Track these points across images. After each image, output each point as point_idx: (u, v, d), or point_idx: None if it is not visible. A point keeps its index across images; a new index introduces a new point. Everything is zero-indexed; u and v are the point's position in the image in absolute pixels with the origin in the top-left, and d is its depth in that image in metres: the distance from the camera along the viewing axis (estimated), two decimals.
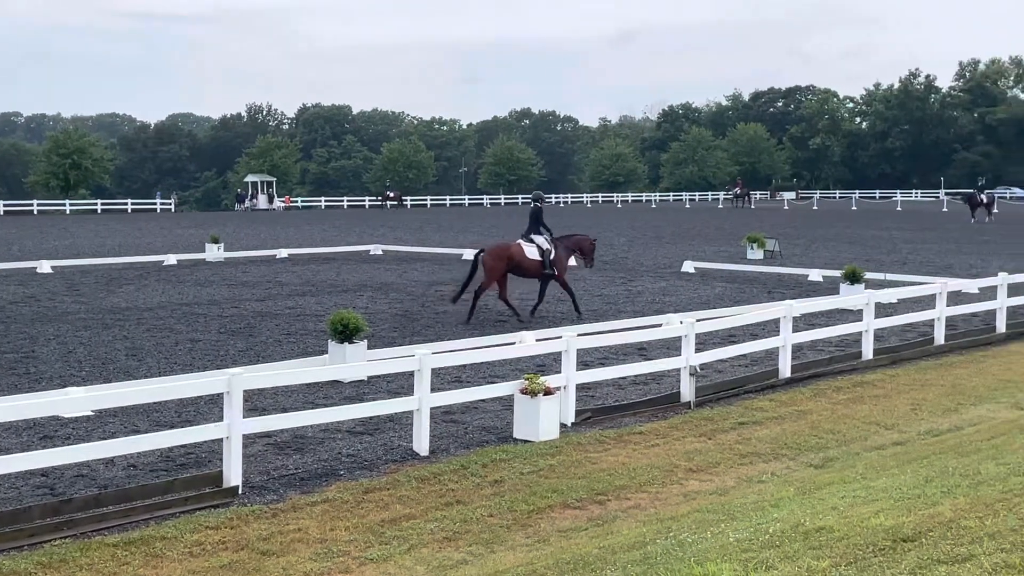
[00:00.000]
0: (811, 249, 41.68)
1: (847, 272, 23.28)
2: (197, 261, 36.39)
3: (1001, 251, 40.29)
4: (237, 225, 64.99)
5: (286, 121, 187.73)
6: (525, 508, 9.93)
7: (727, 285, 28.28)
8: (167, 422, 12.55)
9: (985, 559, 5.45)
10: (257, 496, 10.09)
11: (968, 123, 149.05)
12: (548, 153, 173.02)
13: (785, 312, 16.14)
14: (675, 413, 13.78)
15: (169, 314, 22.39)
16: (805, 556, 6.12)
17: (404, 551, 8.86)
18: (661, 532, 8.29)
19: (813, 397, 14.92)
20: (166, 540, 8.90)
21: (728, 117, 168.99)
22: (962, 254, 38.81)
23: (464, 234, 53.37)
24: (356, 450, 11.74)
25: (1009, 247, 42.70)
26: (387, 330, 20.08)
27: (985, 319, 21.30)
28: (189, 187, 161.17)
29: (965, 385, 15.86)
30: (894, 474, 9.48)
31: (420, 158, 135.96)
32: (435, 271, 32.66)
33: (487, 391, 12.96)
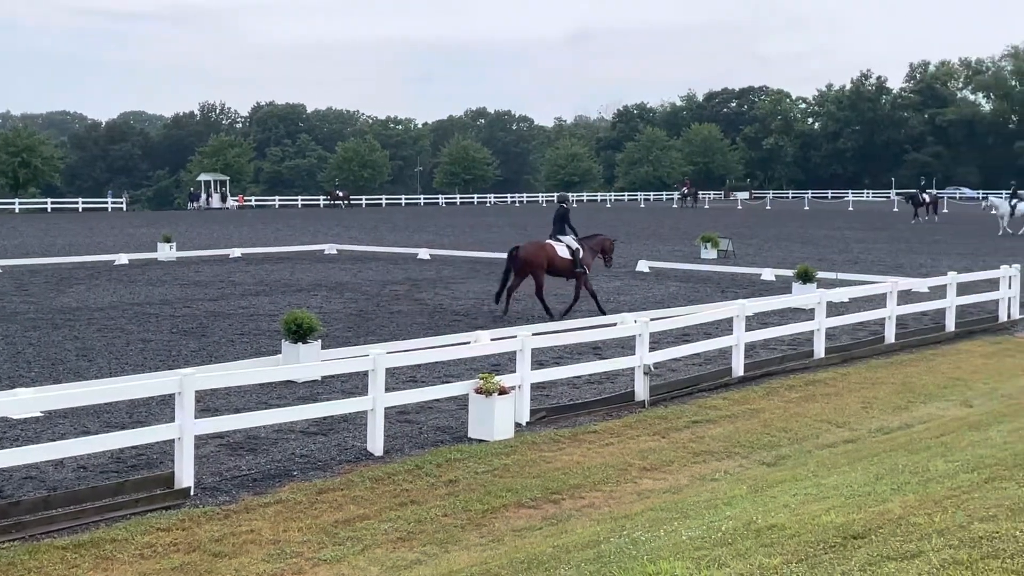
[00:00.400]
0: (764, 249, 41.98)
1: (799, 271, 23.47)
2: (149, 260, 36.05)
3: (951, 250, 40.80)
4: (190, 224, 64.47)
5: (240, 119, 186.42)
6: (480, 508, 9.93)
7: (681, 284, 28.43)
8: (118, 423, 12.42)
9: (934, 555, 5.51)
10: (209, 497, 10.01)
11: (918, 124, 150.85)
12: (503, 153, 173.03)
13: (738, 311, 16.25)
14: (629, 412, 13.83)
15: (120, 314, 22.17)
16: (757, 554, 6.16)
17: (358, 552, 8.82)
18: (615, 531, 8.32)
19: (766, 396, 15.03)
20: (116, 542, 8.80)
21: (682, 117, 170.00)
22: (912, 253, 39.26)
23: (419, 233, 53.27)
24: (310, 450, 11.68)
25: (958, 247, 43.24)
26: (341, 330, 20.00)
27: (935, 318, 21.55)
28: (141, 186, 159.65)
29: (915, 383, 16.04)
30: (845, 472, 9.57)
31: (375, 157, 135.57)
32: (390, 270, 32.57)
33: (442, 391, 12.94)
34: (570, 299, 22.57)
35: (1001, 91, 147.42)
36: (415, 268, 33.49)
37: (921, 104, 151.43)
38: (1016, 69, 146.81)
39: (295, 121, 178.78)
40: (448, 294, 26.10)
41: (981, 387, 15.91)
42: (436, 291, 26.77)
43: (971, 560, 5.36)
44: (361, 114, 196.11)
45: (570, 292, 22.83)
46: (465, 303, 24.24)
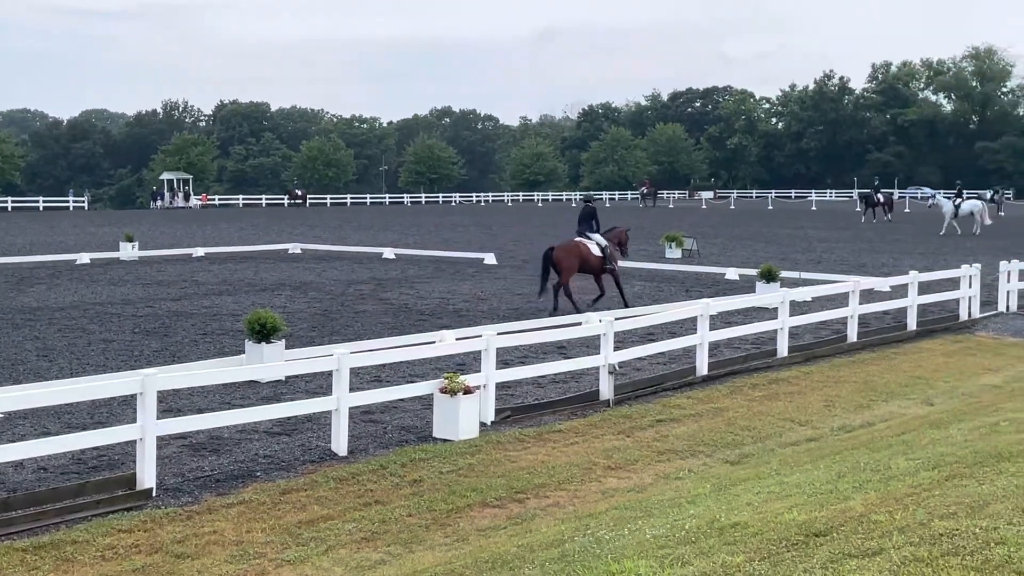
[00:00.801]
0: (728, 248, 42.17)
1: (763, 271, 23.59)
2: (111, 260, 35.75)
3: (912, 250, 41.15)
4: (152, 223, 63.99)
5: (203, 118, 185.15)
6: (444, 507, 9.91)
7: (646, 284, 28.51)
8: (79, 424, 12.31)
9: (895, 553, 5.56)
10: (171, 498, 9.94)
11: (880, 124, 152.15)
12: (469, 152, 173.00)
13: (702, 310, 16.32)
14: (594, 411, 13.85)
15: (82, 314, 21.97)
16: (720, 552, 6.19)
17: (321, 552, 8.79)
18: (579, 530, 8.33)
19: (730, 394, 15.10)
20: (77, 544, 8.73)
21: (647, 117, 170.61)
22: (875, 253, 39.56)
23: (384, 233, 53.13)
24: (273, 451, 11.62)
25: (920, 246, 43.62)
26: (305, 329, 19.91)
27: (896, 317, 21.73)
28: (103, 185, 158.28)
29: (877, 382, 16.17)
30: (807, 470, 9.63)
31: (340, 156, 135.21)
32: (354, 270, 32.47)
33: (406, 390, 12.92)
34: (596, 293, 23.42)
35: (962, 92, 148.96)
36: (380, 267, 33.40)
37: (883, 104, 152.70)
38: (977, 70, 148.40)
39: (259, 120, 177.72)
40: (413, 294, 26.05)
41: (942, 385, 16.07)
42: (401, 291, 26.71)
43: (931, 557, 5.40)
44: (326, 113, 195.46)
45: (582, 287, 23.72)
46: (430, 302, 24.20)
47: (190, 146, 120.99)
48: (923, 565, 5.31)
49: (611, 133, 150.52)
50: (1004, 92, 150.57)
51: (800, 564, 5.62)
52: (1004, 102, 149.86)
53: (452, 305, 23.68)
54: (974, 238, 48.67)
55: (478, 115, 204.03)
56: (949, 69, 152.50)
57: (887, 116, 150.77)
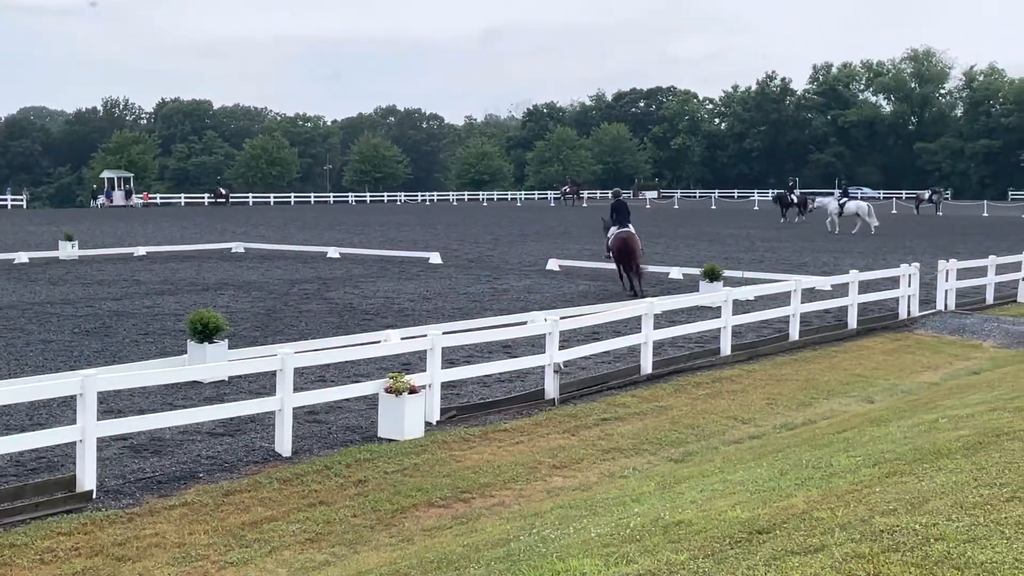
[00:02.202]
0: (672, 247, 42.44)
1: (706, 270, 23.75)
2: (50, 259, 35.24)
3: (852, 249, 41.66)
4: (92, 222, 63.16)
5: (144, 116, 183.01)
6: (389, 508, 9.88)
7: (591, 283, 28.61)
8: (17, 425, 12.11)
9: (836, 549, 5.62)
10: (112, 500, 9.81)
11: (822, 125, 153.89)
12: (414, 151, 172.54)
13: (647, 310, 16.40)
14: (539, 410, 13.88)
15: (20, 314, 21.62)
16: (664, 550, 6.22)
17: (265, 554, 8.72)
18: (525, 529, 8.34)
19: (674, 393, 15.20)
20: (15, 547, 8.59)
21: (592, 117, 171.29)
22: (816, 252, 40.01)
23: (329, 232, 52.86)
24: (216, 452, 11.52)
25: (859, 245, 44.17)
26: (249, 329, 19.76)
27: (837, 315, 21.98)
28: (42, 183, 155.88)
29: (818, 380, 16.35)
30: (750, 467, 9.71)
31: (283, 155, 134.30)
32: (298, 269, 32.26)
33: (351, 390, 12.85)
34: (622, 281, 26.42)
35: (901, 93, 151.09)
36: (324, 267, 33.22)
37: (824, 105, 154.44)
38: (916, 71, 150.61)
39: (201, 118, 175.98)
40: (358, 293, 25.94)
41: (882, 383, 16.28)
42: (346, 290, 26.59)
43: (873, 553, 5.47)
44: (269, 111, 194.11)
45: None
46: (375, 302, 24.11)
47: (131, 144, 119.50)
48: (865, 561, 5.37)
49: (556, 133, 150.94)
50: (942, 94, 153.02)
51: (744, 561, 5.67)
52: (942, 104, 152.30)
53: (397, 305, 23.62)
54: (868, 237, 49.48)
55: (423, 114, 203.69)
56: (889, 71, 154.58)
57: (828, 117, 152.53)
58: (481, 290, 26.74)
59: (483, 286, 27.67)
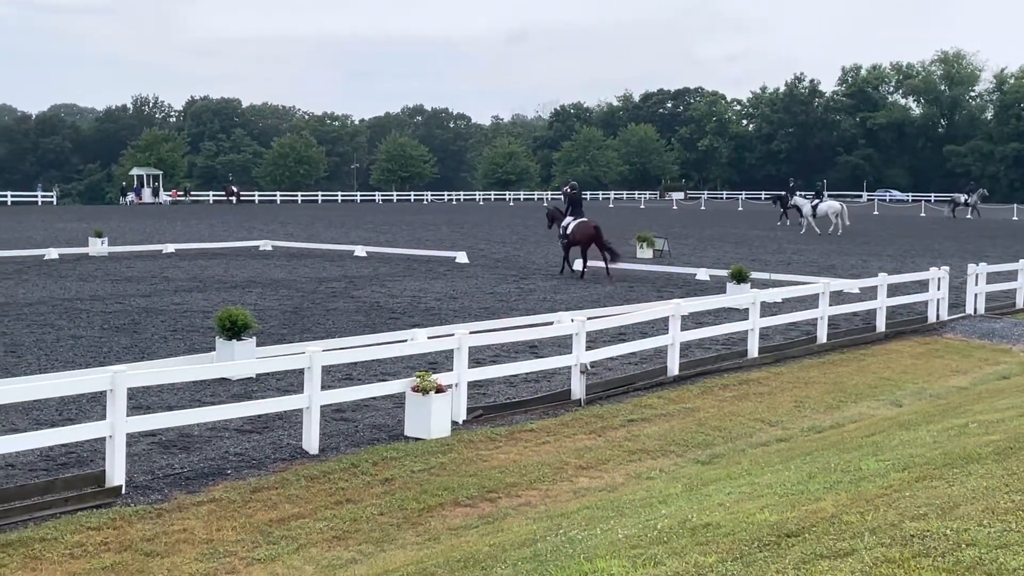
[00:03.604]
0: (699, 249, 42.32)
1: (734, 272, 23.67)
2: (80, 255, 35.48)
3: (881, 252, 41.41)
4: (122, 219, 63.56)
5: (173, 114, 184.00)
6: (416, 506, 9.90)
7: (617, 284, 28.56)
8: (48, 420, 12.20)
9: (866, 553, 5.58)
10: (141, 496, 9.87)
11: (850, 127, 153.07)
12: (441, 150, 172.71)
13: (674, 311, 16.36)
14: (566, 410, 13.86)
15: (50, 310, 21.79)
16: (692, 552, 6.20)
17: (292, 551, 8.75)
18: (551, 529, 8.33)
19: (700, 394, 15.15)
20: (46, 542, 8.65)
21: (619, 117, 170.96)
22: (844, 255, 39.79)
23: (356, 230, 52.99)
24: (244, 449, 11.57)
25: (888, 248, 43.91)
26: (276, 327, 19.83)
27: (866, 318, 21.86)
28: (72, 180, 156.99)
29: (846, 383, 16.27)
30: (778, 470, 9.67)
31: (311, 153, 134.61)
32: (326, 267, 32.36)
33: (378, 389, 12.89)
34: (582, 264, 29.82)
35: (931, 95, 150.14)
36: (351, 265, 33.31)
37: (853, 107, 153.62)
38: (946, 73, 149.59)
39: (230, 116, 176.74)
40: (385, 292, 25.99)
41: (910, 387, 16.18)
42: (372, 288, 26.65)
43: (903, 558, 5.43)
44: (297, 110, 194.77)
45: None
46: (402, 301, 24.16)
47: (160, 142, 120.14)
48: (895, 566, 5.33)
49: (583, 133, 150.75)
50: (972, 96, 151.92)
51: (772, 564, 5.64)
52: (972, 106, 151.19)
53: (424, 304, 23.66)
54: (834, 237, 49.60)
55: (450, 113, 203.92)
56: (918, 73, 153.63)
57: (856, 119, 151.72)
58: (507, 290, 26.75)
59: (509, 286, 27.68)
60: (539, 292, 26.35)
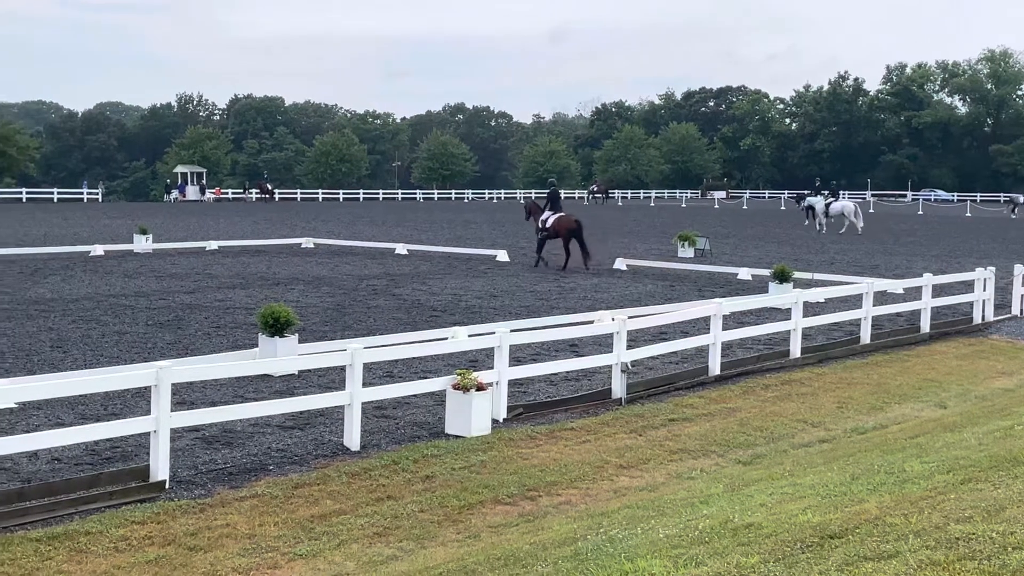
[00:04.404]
0: (741, 248, 42.10)
1: (776, 271, 23.52)
2: (125, 252, 35.84)
3: (926, 252, 41.04)
4: (166, 216, 64.13)
5: (217, 112, 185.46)
6: (456, 504, 9.91)
7: (658, 283, 28.48)
8: (93, 415, 12.34)
9: (910, 556, 5.54)
10: (184, 491, 9.96)
11: (894, 126, 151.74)
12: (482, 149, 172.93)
13: (715, 310, 16.29)
14: (606, 409, 13.84)
15: (96, 305, 22.03)
16: (734, 552, 6.17)
17: (334, 546, 8.80)
18: (592, 528, 8.32)
19: (742, 394, 15.08)
20: (91, 535, 8.75)
21: (661, 116, 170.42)
22: (888, 255, 39.45)
23: (397, 228, 53.17)
24: (286, 445, 11.64)
25: (933, 248, 43.50)
26: (318, 324, 19.93)
27: (910, 319, 21.67)
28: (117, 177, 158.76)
29: (890, 384, 16.13)
30: (821, 471, 9.60)
31: (353, 151, 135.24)
32: (367, 265, 32.50)
33: (419, 386, 12.92)
34: (566, 258, 32.29)
35: (977, 94, 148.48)
36: (392, 263, 33.42)
37: (897, 106, 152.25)
38: (992, 72, 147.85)
39: (273, 114, 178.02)
40: (426, 290, 26.06)
41: (955, 388, 16.02)
42: (413, 286, 26.73)
43: (948, 561, 5.38)
44: (339, 108, 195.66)
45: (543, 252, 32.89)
46: (442, 299, 24.21)
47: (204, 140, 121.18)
48: (939, 569, 5.28)
49: (624, 132, 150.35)
50: (1019, 95, 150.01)
51: (816, 566, 5.60)
52: (1019, 105, 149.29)
53: (464, 302, 23.70)
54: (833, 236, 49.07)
55: (492, 112, 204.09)
56: (964, 71, 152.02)
57: (901, 118, 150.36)
58: (548, 288, 26.74)
59: (550, 284, 27.66)
60: (579, 291, 26.32)
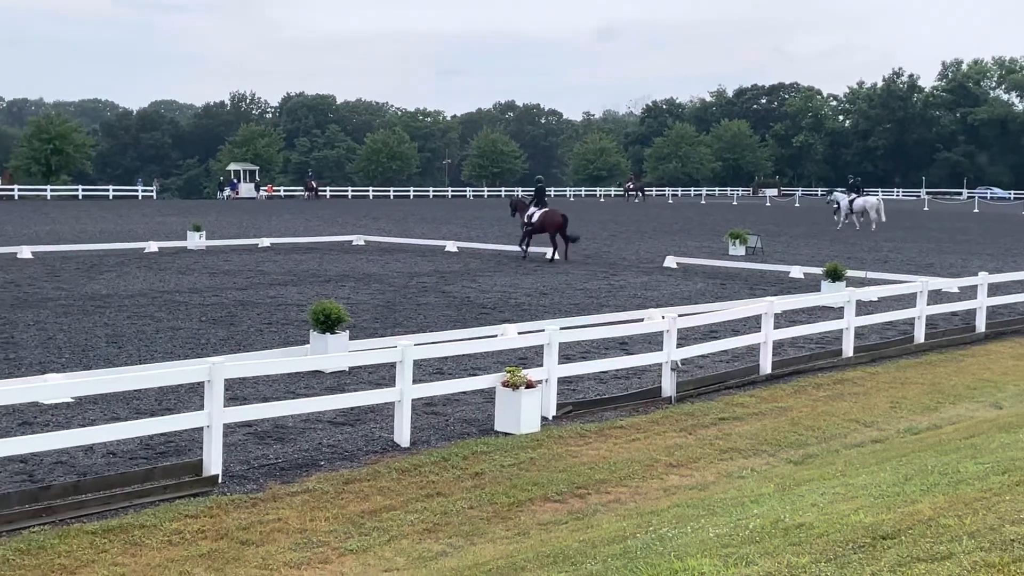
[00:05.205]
0: (792, 246, 41.79)
1: (828, 269, 23.32)
2: (178, 249, 36.23)
3: (981, 251, 40.49)
4: (219, 213, 64.74)
5: (270, 110, 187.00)
6: (506, 501, 9.93)
7: (709, 281, 28.34)
8: (147, 410, 12.50)
9: (964, 557, 5.47)
10: (237, 485, 10.06)
11: (950, 123, 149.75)
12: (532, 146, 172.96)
13: (767, 308, 16.18)
14: (656, 408, 13.80)
15: (150, 302, 22.29)
16: (785, 552, 6.14)
17: (384, 542, 8.85)
18: (641, 526, 8.30)
19: (794, 394, 14.97)
20: (145, 528, 8.86)
21: (712, 113, 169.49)
22: (943, 253, 38.99)
23: (447, 226, 53.31)
24: (336, 440, 11.72)
25: (988, 247, 42.91)
26: (369, 321, 20.04)
27: (965, 318, 21.40)
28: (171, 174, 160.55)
29: (944, 384, 15.94)
30: (873, 471, 9.52)
31: (403, 149, 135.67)
32: (417, 263, 32.62)
33: (469, 383, 12.95)
34: (552, 250, 33.98)
35: None
36: (442, 260, 33.53)
37: (953, 103, 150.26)
38: None
39: (324, 112, 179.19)
40: (475, 287, 26.12)
41: (1011, 388, 15.79)
42: (463, 284, 26.80)
43: (1003, 563, 5.31)
44: (390, 106, 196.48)
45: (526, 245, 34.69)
46: (492, 296, 24.25)
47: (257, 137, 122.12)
48: (994, 571, 5.22)
49: (675, 129, 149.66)
50: None
51: (868, 567, 5.55)
52: None
53: (514, 299, 23.72)
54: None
55: (542, 109, 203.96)
56: (1022, 67, 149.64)
57: (957, 115, 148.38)
58: (598, 286, 26.70)
59: (600, 282, 27.62)
60: (629, 289, 26.26)
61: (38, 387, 10.97)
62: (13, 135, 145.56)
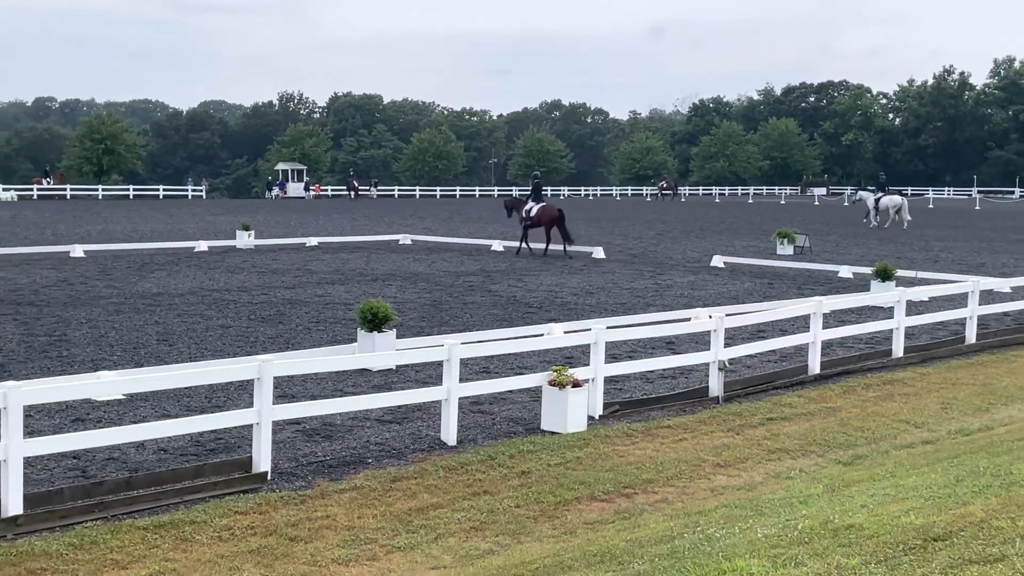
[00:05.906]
0: (841, 245, 41.44)
1: (878, 269, 23.10)
2: (228, 248, 36.55)
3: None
4: (267, 213, 65.23)
5: (317, 110, 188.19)
6: (552, 500, 9.93)
7: (756, 280, 28.17)
8: (197, 407, 12.62)
9: (1018, 560, 5.41)
10: (286, 482, 10.13)
11: (1002, 121, 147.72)
12: (578, 145, 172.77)
13: (815, 308, 16.06)
14: (703, 408, 13.74)
15: (200, 300, 22.51)
16: (835, 553, 6.10)
17: (431, 540, 8.88)
18: (688, 526, 8.28)
19: (843, 394, 14.85)
20: (195, 524, 8.95)
21: (759, 112, 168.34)
22: (995, 253, 38.50)
23: (493, 225, 53.36)
24: (384, 439, 11.77)
25: None
26: (415, 319, 20.11)
27: (1017, 319, 21.13)
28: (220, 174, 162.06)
29: (996, 385, 15.74)
30: (924, 473, 9.43)
31: (450, 148, 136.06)
32: (463, 262, 32.69)
33: (515, 382, 12.96)
34: (545, 245, 35.22)
35: None
36: (488, 259, 33.58)
37: (1005, 101, 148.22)
38: None
39: (371, 112, 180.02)
40: (521, 286, 26.13)
41: None
42: (509, 283, 26.82)
43: None
44: (436, 105, 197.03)
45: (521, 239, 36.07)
46: (538, 295, 24.25)
47: (304, 137, 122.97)
48: None
49: (722, 128, 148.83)
50: None
51: (919, 569, 5.51)
52: None
53: (560, 298, 23.70)
54: None
55: (588, 108, 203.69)
56: None
57: (1009, 112, 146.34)
58: (644, 285, 26.62)
59: (646, 281, 27.54)
60: (676, 288, 26.16)
61: (91, 384, 11.11)
62: (66, 135, 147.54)
